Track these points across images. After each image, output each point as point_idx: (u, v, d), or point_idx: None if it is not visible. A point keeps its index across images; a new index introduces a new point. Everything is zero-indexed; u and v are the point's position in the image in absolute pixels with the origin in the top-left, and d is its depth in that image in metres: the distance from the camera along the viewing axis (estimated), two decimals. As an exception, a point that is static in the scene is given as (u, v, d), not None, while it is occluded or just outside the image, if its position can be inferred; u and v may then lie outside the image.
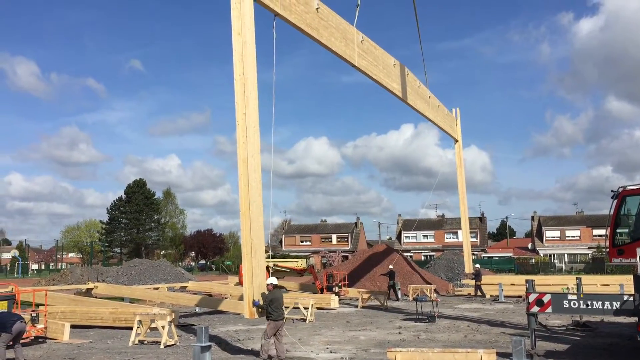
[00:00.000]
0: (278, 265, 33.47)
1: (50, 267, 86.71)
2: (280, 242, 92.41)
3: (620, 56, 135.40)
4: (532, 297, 12.41)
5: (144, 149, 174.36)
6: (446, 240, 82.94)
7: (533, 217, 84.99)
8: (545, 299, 12.27)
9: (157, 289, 26.58)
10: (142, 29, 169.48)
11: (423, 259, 73.47)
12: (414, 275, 33.57)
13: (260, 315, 12.47)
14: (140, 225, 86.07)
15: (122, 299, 24.66)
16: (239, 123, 12.89)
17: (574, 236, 78.82)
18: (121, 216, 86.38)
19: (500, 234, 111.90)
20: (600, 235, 67.59)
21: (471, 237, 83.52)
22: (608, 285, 28.70)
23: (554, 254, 76.52)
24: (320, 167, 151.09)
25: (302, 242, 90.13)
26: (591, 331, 16.21)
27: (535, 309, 12.32)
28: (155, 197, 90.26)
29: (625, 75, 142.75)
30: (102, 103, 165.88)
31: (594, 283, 29.22)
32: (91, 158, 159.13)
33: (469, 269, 34.73)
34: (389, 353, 8.94)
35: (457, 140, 35.50)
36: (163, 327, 14.64)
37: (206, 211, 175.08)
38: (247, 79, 12.99)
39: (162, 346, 14.34)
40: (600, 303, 11.84)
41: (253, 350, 13.59)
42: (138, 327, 15.21)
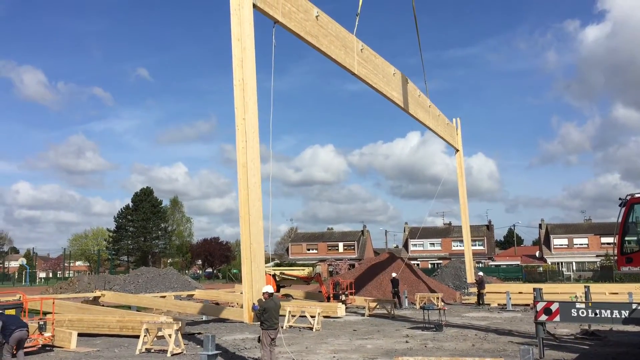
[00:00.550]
0: (285, 274, 33.40)
1: (58, 276, 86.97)
2: (287, 250, 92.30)
3: (627, 63, 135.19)
4: (540, 306, 12.36)
5: (150, 157, 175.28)
6: (453, 248, 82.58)
7: (541, 225, 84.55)
8: (553, 307, 12.22)
9: (164, 297, 26.60)
10: (148, 38, 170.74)
11: (430, 267, 73.24)
12: (420, 283, 33.46)
13: (255, 321, 12.46)
14: (147, 234, 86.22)
15: (129, 308, 24.70)
16: (239, 128, 13.00)
17: (582, 244, 78.32)
18: (128, 224, 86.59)
19: (507, 242, 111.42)
20: (608, 243, 67.14)
21: (478, 245, 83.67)
22: (617, 293, 28.48)
23: (562, 262, 76.07)
24: (327, 175, 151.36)
25: (309, 250, 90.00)
26: (600, 340, 16.07)
27: (543, 317, 12.27)
28: (162, 206, 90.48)
29: (632, 83, 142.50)
30: (109, 112, 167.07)
31: (603, 291, 29.00)
32: (98, 166, 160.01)
33: (471, 278, 34.51)
34: (396, 362, 8.92)
35: (458, 150, 35.47)
36: (170, 336, 14.65)
37: (213, 219, 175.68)
38: (247, 84, 13.11)
39: (169, 355, 14.34)
40: (608, 312, 11.78)
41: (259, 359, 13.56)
42: (145, 336, 15.22)
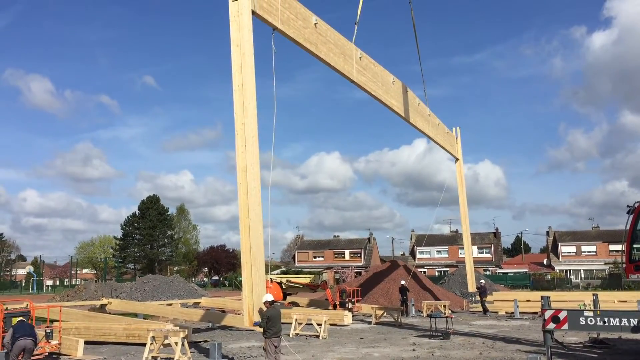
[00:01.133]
0: (291, 281, 33.35)
1: (65, 283, 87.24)
2: (293, 258, 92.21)
3: (634, 69, 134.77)
4: (548, 314, 12.27)
5: (157, 164, 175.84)
6: (460, 255, 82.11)
7: (548, 233, 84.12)
8: (562, 315, 12.12)
9: (171, 305, 26.62)
10: (155, 46, 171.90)
11: (437, 274, 72.93)
12: (426, 291, 33.33)
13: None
14: (154, 241, 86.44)
15: (136, 315, 24.72)
16: (238, 133, 13.12)
17: (590, 252, 77.80)
18: (135, 232, 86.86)
19: (515, 250, 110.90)
20: (617, 251, 66.68)
21: (485, 253, 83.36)
22: (625, 301, 28.26)
23: (570, 270, 75.58)
24: (333, 182, 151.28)
25: (315, 258, 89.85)
26: (609, 348, 15.93)
27: (551, 325, 12.18)
28: (168, 213, 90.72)
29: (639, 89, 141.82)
30: (116, 119, 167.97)
31: (611, 299, 28.75)
32: (105, 174, 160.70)
33: (472, 287, 34.28)
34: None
35: (458, 159, 35.38)
36: (176, 344, 14.63)
37: (219, 227, 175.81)
38: (246, 89, 13.24)
39: (175, 362, 14.31)
40: (617, 320, 11.68)
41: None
42: (151, 344, 15.20)
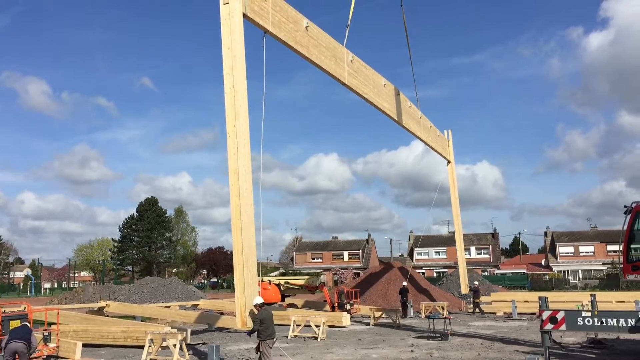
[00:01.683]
0: (289, 283, 33.32)
1: (63, 286, 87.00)
2: (292, 259, 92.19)
3: (631, 70, 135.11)
4: (546, 315, 12.27)
5: (155, 166, 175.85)
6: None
7: (546, 233, 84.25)
8: (559, 316, 12.13)
9: (169, 307, 26.57)
10: (152, 48, 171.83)
11: (435, 275, 72.96)
12: (424, 292, 33.33)
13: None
14: (152, 243, 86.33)
15: (134, 318, 24.66)
16: (230, 135, 13.24)
17: (587, 252, 77.93)
18: (133, 234, 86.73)
19: (513, 250, 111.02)
20: (614, 251, 66.75)
21: (484, 254, 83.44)
22: (623, 301, 28.31)
23: (568, 270, 75.67)
24: (331, 184, 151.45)
25: (314, 259, 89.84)
26: (607, 349, 15.94)
27: (549, 326, 12.18)
28: (166, 215, 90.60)
29: (637, 89, 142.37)
30: (114, 121, 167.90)
31: (609, 300, 28.83)
32: (103, 176, 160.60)
33: (465, 289, 34.25)
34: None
35: (450, 162, 35.43)
36: (174, 346, 14.61)
37: (217, 228, 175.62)
38: (237, 91, 13.34)
39: (174, 365, 14.30)
40: (615, 320, 11.69)
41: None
42: (149, 346, 15.19)
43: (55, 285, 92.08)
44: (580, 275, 74.11)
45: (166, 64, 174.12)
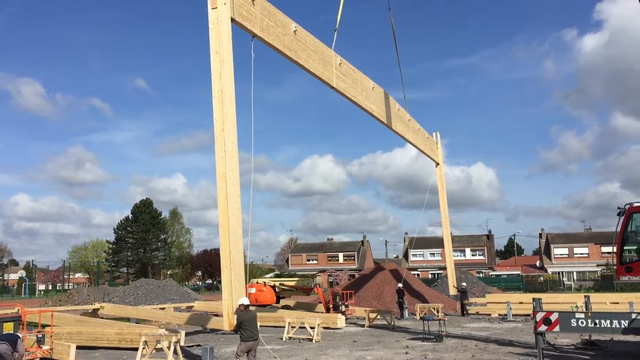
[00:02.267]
0: (284, 284, 33.32)
1: (57, 288, 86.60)
2: (287, 261, 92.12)
3: (626, 72, 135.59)
4: (540, 316, 12.32)
5: (150, 168, 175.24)
6: (454, 258, 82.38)
7: (541, 235, 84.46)
8: (553, 317, 12.17)
9: (164, 309, 26.53)
10: (147, 49, 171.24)
11: (430, 277, 73.04)
12: (418, 294, 33.36)
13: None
14: (147, 245, 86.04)
15: (129, 320, 24.61)
16: (218, 139, 13.30)
17: (582, 254, 78.15)
18: (128, 236, 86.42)
19: (508, 252, 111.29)
20: (609, 253, 66.91)
21: (478, 255, 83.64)
22: (617, 303, 28.42)
23: (562, 272, 75.85)
24: (326, 185, 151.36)
25: (309, 261, 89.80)
26: (601, 350, 15.99)
27: (542, 327, 12.23)
28: (161, 217, 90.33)
29: (631, 91, 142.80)
30: (109, 123, 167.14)
31: (603, 301, 28.94)
32: (97, 178, 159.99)
33: (453, 290, 34.25)
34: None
35: (438, 164, 35.48)
36: (169, 348, 14.59)
37: (212, 230, 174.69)
38: (225, 95, 13.39)
39: (168, 367, 14.26)
40: (608, 321, 11.75)
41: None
42: (144, 348, 15.15)
43: (50, 287, 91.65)
44: (575, 277, 74.29)
45: (161, 66, 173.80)
